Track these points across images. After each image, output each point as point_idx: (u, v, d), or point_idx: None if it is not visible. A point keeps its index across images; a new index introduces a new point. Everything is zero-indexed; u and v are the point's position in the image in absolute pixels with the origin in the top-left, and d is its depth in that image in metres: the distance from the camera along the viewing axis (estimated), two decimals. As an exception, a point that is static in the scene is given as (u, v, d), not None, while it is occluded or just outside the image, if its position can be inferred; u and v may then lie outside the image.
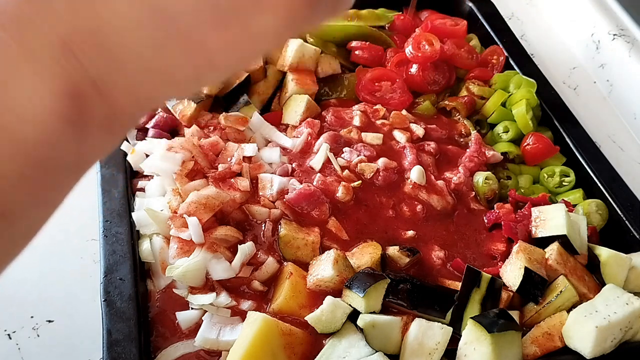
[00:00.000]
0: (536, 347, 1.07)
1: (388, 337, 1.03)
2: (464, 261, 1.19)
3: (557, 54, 1.86)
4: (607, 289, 1.11)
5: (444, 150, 1.41)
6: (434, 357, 1.01)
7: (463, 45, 1.60)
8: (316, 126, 1.39)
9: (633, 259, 1.18)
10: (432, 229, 1.27)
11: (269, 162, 1.33)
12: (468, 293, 1.09)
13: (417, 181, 1.30)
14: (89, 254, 1.26)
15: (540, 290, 1.11)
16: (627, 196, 1.33)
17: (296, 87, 1.45)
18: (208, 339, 1.06)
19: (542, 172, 1.43)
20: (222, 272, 1.11)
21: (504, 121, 1.48)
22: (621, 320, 1.04)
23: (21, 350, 1.14)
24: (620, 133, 1.64)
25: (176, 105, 1.38)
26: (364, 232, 1.24)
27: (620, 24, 1.76)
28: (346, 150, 1.34)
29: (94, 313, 1.07)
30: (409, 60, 1.54)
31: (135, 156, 1.29)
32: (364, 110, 1.44)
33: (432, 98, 1.54)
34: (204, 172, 1.26)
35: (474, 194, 1.34)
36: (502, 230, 1.23)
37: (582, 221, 1.22)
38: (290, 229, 1.18)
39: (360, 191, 1.28)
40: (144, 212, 1.17)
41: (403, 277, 1.11)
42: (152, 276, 1.16)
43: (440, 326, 1.04)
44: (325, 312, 1.03)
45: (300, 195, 1.22)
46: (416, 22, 1.69)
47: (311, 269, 1.14)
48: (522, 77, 1.54)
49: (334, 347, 1.02)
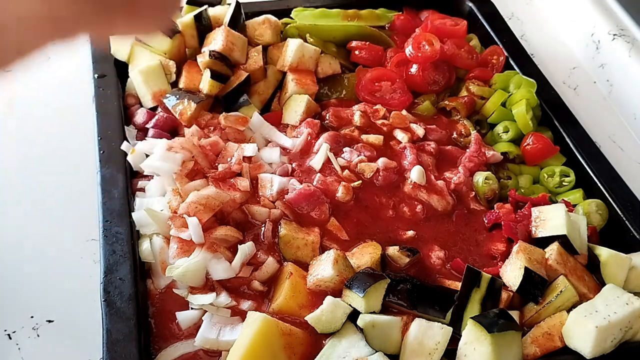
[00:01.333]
0: (536, 347, 1.07)
1: (388, 337, 1.03)
2: (464, 261, 1.19)
3: (557, 54, 1.86)
4: (607, 289, 1.11)
5: (444, 151, 1.42)
6: (434, 357, 1.01)
7: (463, 45, 1.60)
8: (316, 126, 1.39)
9: (633, 259, 1.18)
10: (432, 229, 1.27)
11: (269, 162, 1.33)
12: (468, 293, 1.09)
13: (417, 181, 1.30)
14: (89, 254, 1.26)
15: (540, 290, 1.11)
16: (627, 196, 1.33)
17: (296, 87, 1.45)
18: (208, 339, 1.06)
19: (542, 172, 1.43)
20: (222, 272, 1.11)
21: (504, 121, 1.48)
22: (621, 320, 1.04)
23: (21, 350, 1.14)
24: (620, 133, 1.64)
25: (176, 105, 1.38)
26: (364, 232, 1.24)
27: (620, 24, 1.76)
28: (346, 150, 1.34)
29: (94, 313, 1.07)
30: (409, 60, 1.54)
31: (135, 156, 1.29)
32: (364, 110, 1.44)
33: (432, 98, 1.54)
34: (204, 172, 1.26)
35: (474, 194, 1.34)
36: (502, 230, 1.23)
37: (582, 221, 1.22)
38: (290, 229, 1.18)
39: (360, 191, 1.28)
40: (144, 212, 1.17)
41: (403, 277, 1.11)
42: (152, 276, 1.16)
43: (440, 326, 1.04)
44: (325, 312, 1.03)
45: (300, 195, 1.22)
46: (416, 22, 1.69)
47: (311, 269, 1.14)
48: (522, 77, 1.54)
49: (334, 347, 1.02)
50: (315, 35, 1.56)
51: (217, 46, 1.45)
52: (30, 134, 1.48)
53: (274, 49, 1.53)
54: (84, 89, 1.46)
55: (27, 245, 1.28)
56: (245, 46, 1.49)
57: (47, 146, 1.46)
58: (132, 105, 1.45)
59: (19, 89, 1.59)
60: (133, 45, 1.47)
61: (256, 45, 1.51)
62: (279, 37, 1.56)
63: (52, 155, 1.44)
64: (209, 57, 1.42)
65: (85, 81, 1.46)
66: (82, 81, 1.49)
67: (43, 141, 1.47)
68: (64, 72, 1.62)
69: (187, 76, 1.45)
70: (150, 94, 1.43)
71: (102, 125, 1.34)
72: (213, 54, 1.43)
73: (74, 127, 1.47)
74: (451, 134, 1.47)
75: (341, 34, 1.59)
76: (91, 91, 1.41)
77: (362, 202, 1.27)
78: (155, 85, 1.43)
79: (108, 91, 1.41)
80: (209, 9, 1.52)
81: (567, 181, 1.40)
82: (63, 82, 1.59)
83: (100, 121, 1.35)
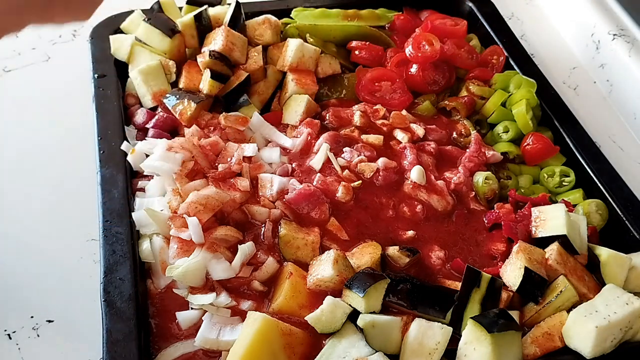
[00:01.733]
0: (536, 347, 1.07)
1: (388, 337, 1.03)
2: (464, 261, 1.19)
3: (557, 54, 1.86)
4: (607, 289, 1.11)
5: (444, 151, 1.41)
6: (434, 357, 1.01)
7: (463, 45, 1.60)
8: (316, 126, 1.39)
9: (633, 259, 1.19)
10: (432, 229, 1.27)
11: (269, 162, 1.33)
12: (468, 293, 1.09)
13: (417, 181, 1.30)
14: (89, 254, 1.26)
15: (540, 290, 1.11)
16: (627, 196, 1.33)
17: (296, 87, 1.45)
18: (208, 339, 1.06)
19: (542, 172, 1.43)
20: (222, 272, 1.11)
21: (504, 121, 1.48)
22: (621, 320, 1.04)
23: (21, 350, 1.14)
24: (620, 133, 1.64)
25: (176, 105, 1.38)
26: (364, 232, 1.24)
27: (620, 24, 1.77)
28: (346, 150, 1.34)
29: (94, 313, 1.07)
30: (409, 60, 1.54)
31: (135, 156, 1.29)
32: (364, 110, 1.44)
33: (432, 98, 1.54)
34: (204, 172, 1.26)
35: (474, 194, 1.34)
36: (502, 230, 1.23)
37: (582, 221, 1.22)
38: (290, 229, 1.18)
39: (360, 191, 1.28)
40: (144, 212, 1.17)
41: (403, 277, 1.11)
42: (152, 276, 1.16)
43: (440, 326, 1.04)
44: (325, 312, 1.03)
45: (300, 195, 1.22)
46: (416, 22, 1.69)
47: (311, 269, 1.14)
48: (522, 77, 1.54)
49: (334, 347, 1.02)
50: (315, 35, 1.56)
51: (217, 46, 1.45)
52: (30, 134, 1.48)
53: (274, 49, 1.53)
54: (84, 89, 1.46)
55: (28, 246, 1.28)
56: (245, 46, 1.49)
57: (47, 146, 1.46)
58: (132, 105, 1.45)
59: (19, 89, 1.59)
60: (133, 45, 1.47)
61: (256, 45, 1.51)
62: (279, 37, 1.56)
63: (52, 155, 1.44)
64: (209, 57, 1.42)
65: (85, 81, 1.46)
66: (82, 81, 1.49)
67: (43, 141, 1.47)
68: (64, 72, 1.62)
69: (187, 76, 1.45)
70: (150, 94, 1.43)
71: (102, 125, 1.34)
72: (213, 54, 1.43)
73: (74, 127, 1.47)
74: (451, 134, 1.47)
75: (341, 34, 1.59)
76: (91, 91, 1.41)
77: (362, 202, 1.27)
78: (155, 85, 1.43)
79: (108, 91, 1.41)
80: (209, 9, 1.52)
81: (567, 181, 1.40)
82: (63, 82, 1.60)
83: (100, 121, 1.35)
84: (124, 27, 1.54)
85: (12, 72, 1.63)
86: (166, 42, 1.45)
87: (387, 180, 1.30)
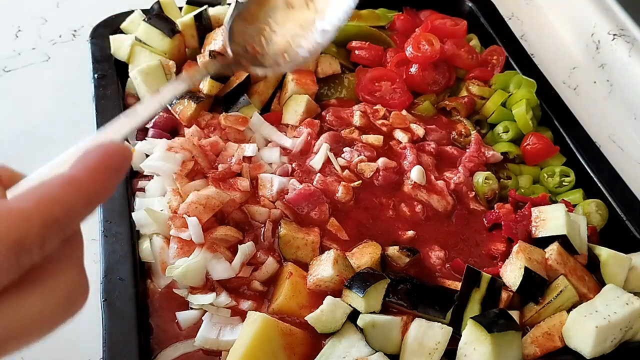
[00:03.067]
0: (536, 347, 1.07)
1: (388, 337, 1.03)
2: (464, 261, 1.19)
3: (557, 54, 1.86)
4: (607, 289, 1.11)
5: (444, 151, 1.41)
6: (434, 357, 1.01)
7: (463, 45, 1.60)
8: (316, 126, 1.39)
9: (633, 259, 1.19)
10: (432, 229, 1.27)
11: (269, 162, 1.33)
12: (468, 293, 1.09)
13: (417, 181, 1.30)
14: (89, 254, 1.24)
15: (540, 290, 1.11)
16: (627, 196, 1.33)
17: (296, 87, 1.45)
18: (208, 338, 1.06)
19: (542, 172, 1.43)
20: (222, 272, 1.11)
21: (504, 121, 1.48)
22: (621, 320, 1.04)
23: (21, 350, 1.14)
24: (620, 133, 1.64)
25: (176, 105, 1.38)
26: (364, 232, 1.24)
27: (620, 24, 1.76)
28: (346, 150, 1.34)
29: (94, 313, 1.07)
30: (409, 60, 1.54)
31: (135, 156, 1.29)
32: (364, 110, 1.44)
33: (432, 98, 1.54)
34: (204, 172, 1.26)
35: (473, 194, 1.34)
36: (502, 230, 1.23)
37: (582, 221, 1.22)
38: (290, 229, 1.18)
39: (360, 191, 1.28)
40: (144, 212, 1.17)
41: (403, 277, 1.11)
42: (152, 276, 1.16)
43: (440, 326, 1.04)
44: (325, 312, 1.03)
45: (300, 195, 1.22)
46: (416, 22, 1.69)
47: (311, 269, 1.14)
48: (522, 77, 1.54)
49: (334, 347, 1.02)
50: (315, 35, 1.56)
51: (217, 46, 1.44)
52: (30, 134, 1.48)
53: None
54: (84, 89, 1.46)
55: (27, 245, 1.28)
56: (245, 46, 1.49)
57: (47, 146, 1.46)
58: (132, 105, 1.45)
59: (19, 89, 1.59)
60: (133, 45, 1.47)
61: (256, 45, 1.51)
62: (279, 37, 1.56)
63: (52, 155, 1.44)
64: (209, 57, 1.42)
65: (85, 81, 1.46)
66: (82, 81, 1.49)
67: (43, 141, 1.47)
68: (64, 72, 1.62)
69: (187, 76, 1.45)
70: (151, 94, 1.43)
71: (102, 125, 1.34)
72: (213, 54, 1.43)
73: (74, 127, 1.47)
74: (451, 134, 1.47)
75: (341, 34, 1.59)
76: (91, 91, 1.41)
77: (362, 202, 1.27)
78: (155, 85, 1.43)
79: (108, 91, 1.41)
80: (209, 9, 1.52)
81: (567, 181, 1.40)
82: (63, 82, 1.60)
83: (100, 121, 1.35)
84: (124, 27, 1.54)
85: (12, 72, 1.63)
86: (166, 42, 1.45)
87: (387, 180, 1.30)
